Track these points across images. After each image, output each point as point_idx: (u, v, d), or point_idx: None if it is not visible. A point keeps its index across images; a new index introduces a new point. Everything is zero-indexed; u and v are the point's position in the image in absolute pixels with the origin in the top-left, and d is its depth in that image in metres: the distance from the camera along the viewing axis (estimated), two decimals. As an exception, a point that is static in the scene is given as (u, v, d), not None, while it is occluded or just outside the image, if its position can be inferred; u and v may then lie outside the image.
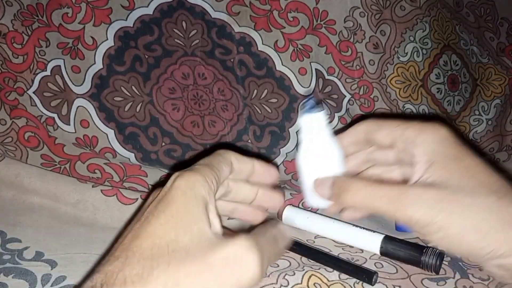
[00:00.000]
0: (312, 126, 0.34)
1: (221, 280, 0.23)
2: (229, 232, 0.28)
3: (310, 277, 0.36)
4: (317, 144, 0.34)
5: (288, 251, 0.40)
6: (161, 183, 0.48)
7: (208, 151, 0.31)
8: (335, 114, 0.60)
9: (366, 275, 0.36)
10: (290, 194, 0.51)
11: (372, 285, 0.36)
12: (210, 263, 0.23)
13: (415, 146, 0.31)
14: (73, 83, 0.53)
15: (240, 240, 0.24)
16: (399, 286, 0.36)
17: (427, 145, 0.30)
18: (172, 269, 0.22)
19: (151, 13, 0.55)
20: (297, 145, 0.59)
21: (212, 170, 0.28)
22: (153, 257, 0.23)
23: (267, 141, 0.59)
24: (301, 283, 0.35)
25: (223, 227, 0.27)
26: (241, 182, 0.33)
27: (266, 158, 0.58)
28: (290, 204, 0.49)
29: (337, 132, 0.35)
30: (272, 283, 0.36)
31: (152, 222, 0.24)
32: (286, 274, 0.37)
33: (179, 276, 0.22)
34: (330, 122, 0.35)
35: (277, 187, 0.36)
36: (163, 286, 0.22)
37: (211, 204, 0.26)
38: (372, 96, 0.62)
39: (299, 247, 0.41)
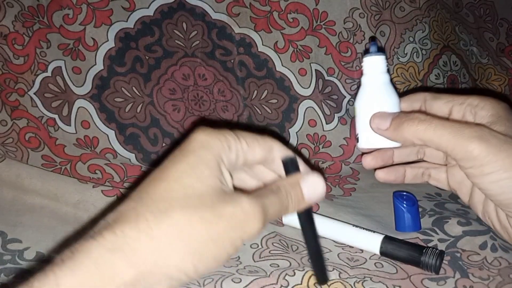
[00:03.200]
0: (374, 68, 0.36)
1: (227, 231, 0.24)
2: (240, 190, 0.28)
3: (310, 277, 0.36)
4: (377, 85, 0.35)
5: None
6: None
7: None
8: (335, 114, 0.60)
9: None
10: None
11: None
12: (220, 214, 0.24)
13: (479, 109, 0.32)
14: (74, 84, 0.53)
15: (248, 199, 0.25)
16: (399, 286, 0.36)
17: (491, 107, 0.32)
18: (187, 212, 0.23)
19: (152, 14, 0.56)
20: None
21: (237, 137, 0.28)
22: (168, 199, 0.24)
23: (267, 142, 0.59)
24: (301, 284, 0.35)
25: (235, 187, 0.28)
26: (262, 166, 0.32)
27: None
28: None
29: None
30: (272, 283, 0.36)
31: (169, 168, 0.25)
32: (286, 274, 0.37)
33: (192, 220, 0.23)
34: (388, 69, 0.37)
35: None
36: (177, 225, 0.23)
37: (226, 160, 0.27)
38: (372, 97, 0.63)
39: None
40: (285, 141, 0.35)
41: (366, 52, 0.38)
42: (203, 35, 0.57)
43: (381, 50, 0.54)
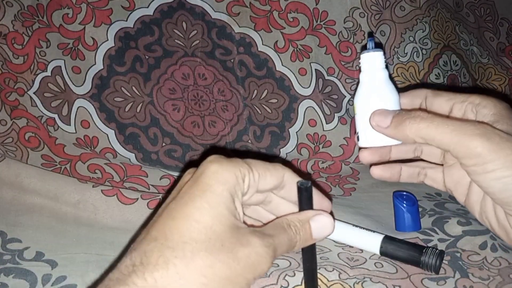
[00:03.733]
0: (372, 64, 0.35)
1: (243, 273, 0.26)
2: (249, 223, 0.30)
3: (310, 277, 0.36)
4: (376, 82, 0.35)
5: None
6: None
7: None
8: (335, 114, 0.60)
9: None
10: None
11: None
12: (238, 258, 0.25)
13: (480, 108, 0.32)
14: (73, 84, 0.53)
15: (260, 240, 0.26)
16: (399, 286, 0.36)
17: (493, 106, 0.32)
18: (209, 256, 0.25)
19: (152, 13, 0.56)
20: (299, 138, 0.60)
21: (250, 168, 0.28)
22: (192, 242, 0.25)
23: (267, 142, 0.59)
24: (301, 284, 0.35)
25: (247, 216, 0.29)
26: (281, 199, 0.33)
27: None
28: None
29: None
30: (272, 284, 0.36)
31: (188, 204, 0.26)
32: (286, 275, 0.37)
33: (214, 263, 0.25)
34: (387, 65, 0.36)
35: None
36: (201, 269, 0.24)
37: (240, 194, 0.28)
38: (372, 97, 0.62)
39: None
40: (295, 169, 0.36)
41: (363, 48, 0.38)
42: (203, 35, 0.57)
43: (379, 46, 0.53)
